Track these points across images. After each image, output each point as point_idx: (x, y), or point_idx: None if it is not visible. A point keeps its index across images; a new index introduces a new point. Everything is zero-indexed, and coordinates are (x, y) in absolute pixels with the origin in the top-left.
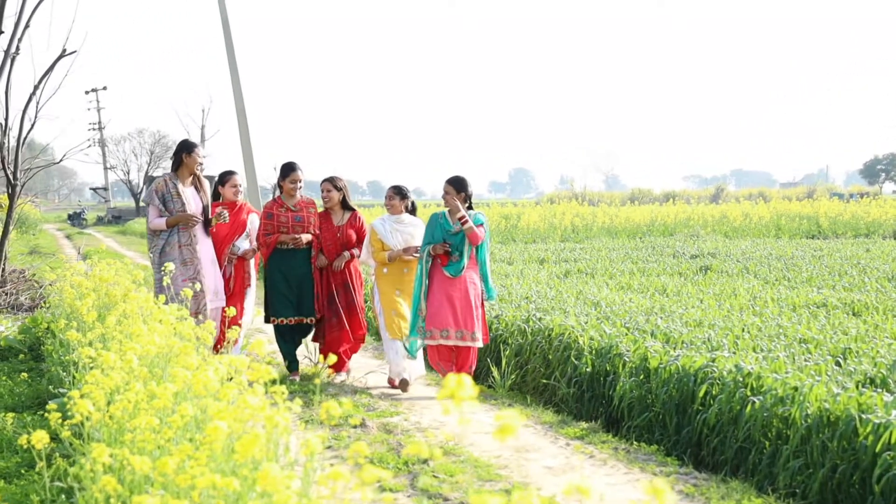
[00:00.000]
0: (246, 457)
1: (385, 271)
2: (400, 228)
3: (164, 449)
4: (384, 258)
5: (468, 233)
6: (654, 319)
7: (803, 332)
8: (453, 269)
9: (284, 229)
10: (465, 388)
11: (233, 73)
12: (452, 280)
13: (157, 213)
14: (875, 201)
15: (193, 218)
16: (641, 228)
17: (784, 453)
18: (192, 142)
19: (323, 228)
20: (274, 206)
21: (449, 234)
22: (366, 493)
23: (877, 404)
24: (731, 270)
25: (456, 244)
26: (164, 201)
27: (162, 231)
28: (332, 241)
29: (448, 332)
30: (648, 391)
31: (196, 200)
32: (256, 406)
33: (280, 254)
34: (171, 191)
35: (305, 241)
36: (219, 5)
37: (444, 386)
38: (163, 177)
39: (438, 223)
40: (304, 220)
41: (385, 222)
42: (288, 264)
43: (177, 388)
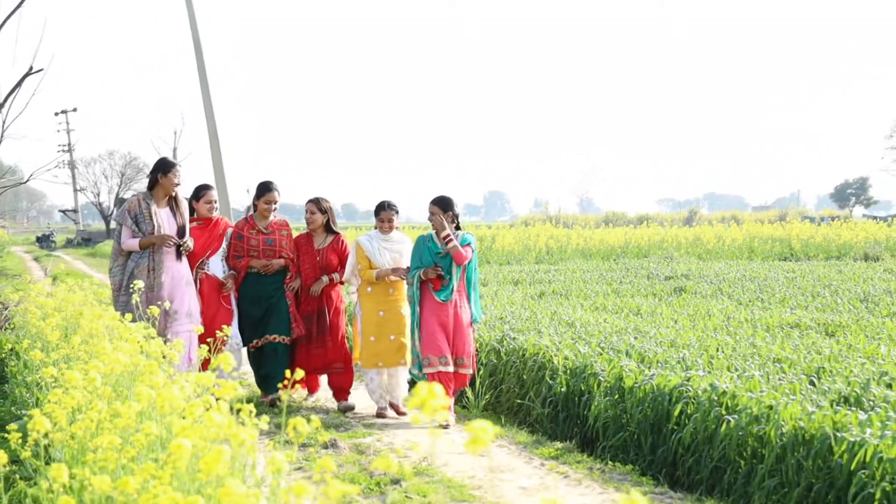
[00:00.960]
0: (210, 474)
1: (369, 290)
2: (388, 247)
3: (127, 468)
4: (371, 277)
5: (452, 252)
6: (629, 339)
7: (777, 351)
8: (443, 294)
9: (255, 253)
10: (437, 396)
11: (205, 95)
12: (443, 305)
13: (129, 233)
14: (846, 224)
15: (169, 239)
16: (616, 250)
17: (759, 472)
18: (170, 161)
19: (302, 251)
20: (245, 227)
21: (438, 256)
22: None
23: (851, 423)
24: (704, 292)
25: (445, 267)
26: (137, 222)
27: (133, 252)
28: (310, 265)
29: (447, 358)
30: (623, 411)
31: (170, 222)
32: (222, 423)
33: (251, 277)
34: (143, 211)
35: (277, 266)
36: (190, 27)
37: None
38: (136, 196)
39: (426, 246)
40: (275, 243)
41: (372, 240)
42: (258, 288)
43: (141, 406)
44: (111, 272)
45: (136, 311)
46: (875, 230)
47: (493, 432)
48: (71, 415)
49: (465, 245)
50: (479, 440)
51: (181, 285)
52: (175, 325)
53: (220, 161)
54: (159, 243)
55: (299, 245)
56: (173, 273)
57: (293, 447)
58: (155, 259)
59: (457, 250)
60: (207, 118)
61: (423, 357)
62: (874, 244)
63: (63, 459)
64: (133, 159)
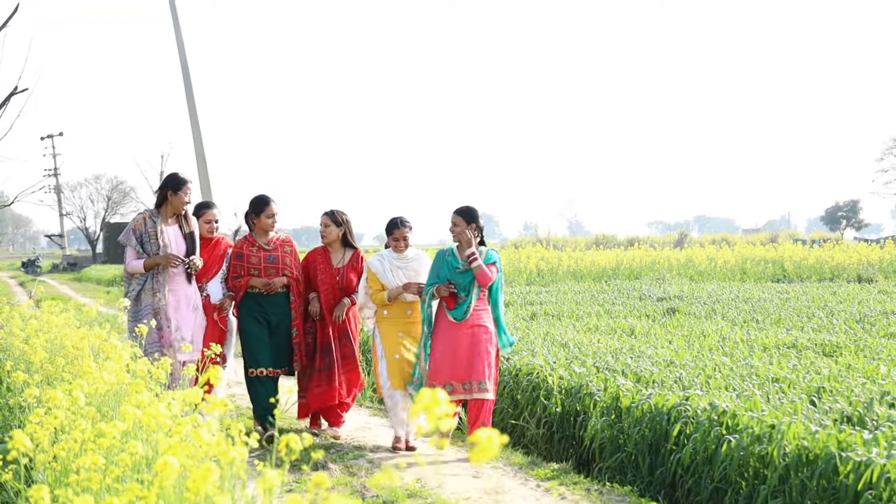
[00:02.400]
0: (198, 493)
1: (386, 314)
2: (402, 265)
3: (111, 489)
4: (383, 299)
5: (476, 272)
6: (624, 359)
7: (775, 371)
8: (458, 312)
9: (256, 271)
10: (440, 403)
11: (192, 118)
12: (458, 325)
13: (134, 254)
14: (839, 246)
15: (174, 259)
16: (607, 272)
17: (762, 493)
18: (181, 177)
19: (320, 270)
20: (244, 246)
21: (456, 272)
22: None
23: (856, 442)
24: (698, 313)
25: (463, 284)
26: (142, 242)
27: (139, 275)
28: (330, 285)
29: (453, 386)
30: (620, 431)
31: (178, 241)
32: (210, 442)
33: (252, 298)
34: (149, 230)
35: (279, 285)
36: (178, 50)
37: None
38: (143, 213)
39: (445, 261)
40: (278, 260)
41: (384, 259)
42: (262, 309)
43: (126, 426)
44: (126, 296)
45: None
46: (868, 252)
47: (500, 441)
48: (54, 435)
49: (490, 264)
50: (485, 450)
51: (188, 309)
52: (181, 353)
53: (207, 184)
54: (164, 264)
55: (314, 262)
56: (180, 296)
57: (284, 466)
58: (161, 279)
59: (481, 270)
60: (195, 140)
61: (428, 384)
62: (867, 266)
63: (45, 481)
64: (119, 183)
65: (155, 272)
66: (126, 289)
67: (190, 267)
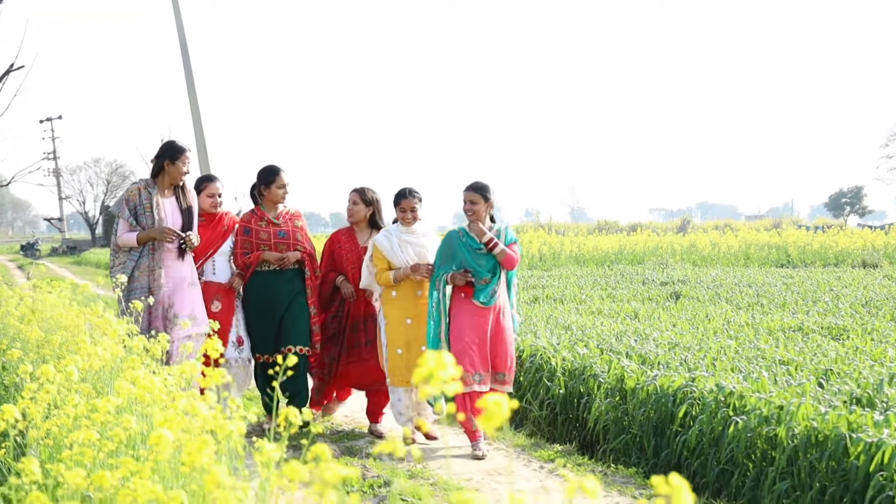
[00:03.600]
0: (193, 466)
1: (394, 295)
2: (411, 241)
3: (105, 465)
4: (388, 279)
5: (501, 257)
6: (628, 341)
7: (782, 353)
8: (485, 295)
9: (266, 247)
10: (446, 367)
11: (192, 102)
12: (483, 309)
13: (126, 226)
14: (843, 231)
15: (170, 233)
16: (610, 257)
17: (770, 475)
18: (179, 145)
19: (345, 249)
20: (252, 220)
21: (477, 252)
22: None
23: (867, 423)
24: (702, 297)
25: (487, 266)
26: (136, 214)
27: (132, 249)
28: (355, 262)
29: (482, 375)
30: (625, 413)
31: (175, 215)
32: (207, 415)
33: (262, 277)
34: (144, 202)
35: (293, 259)
36: (178, 34)
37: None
38: (137, 184)
39: (460, 242)
40: (288, 234)
41: (391, 235)
42: (273, 289)
43: (121, 401)
44: (111, 271)
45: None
46: (873, 238)
47: (511, 406)
48: (47, 411)
49: (511, 244)
50: (494, 416)
51: (183, 286)
52: (176, 331)
53: (207, 168)
54: (159, 238)
55: (338, 242)
56: (173, 274)
57: (283, 440)
58: (155, 256)
59: (505, 254)
60: (195, 124)
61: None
62: (872, 251)
63: (38, 457)
64: (119, 167)
65: (151, 248)
66: (112, 263)
67: (185, 243)
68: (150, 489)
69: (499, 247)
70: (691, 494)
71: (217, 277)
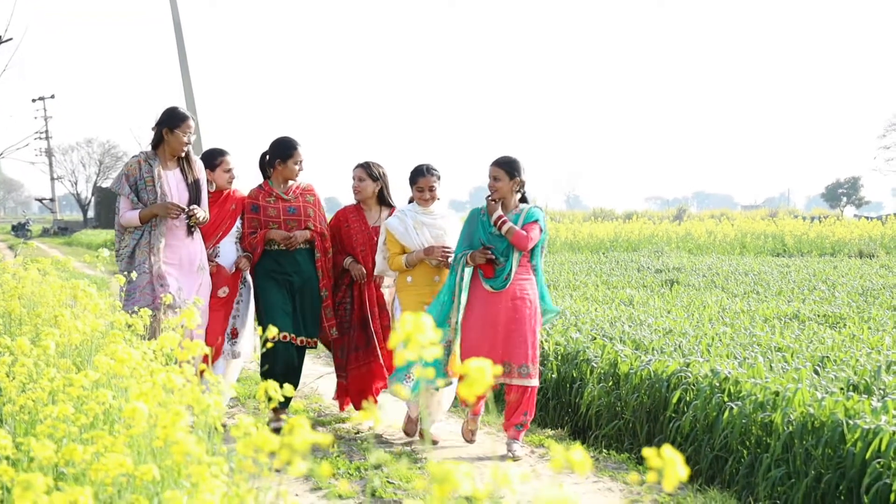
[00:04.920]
0: (167, 439)
1: (409, 280)
2: (428, 222)
3: (79, 439)
4: (401, 264)
5: (509, 237)
6: (622, 327)
7: (778, 340)
8: (497, 281)
9: (274, 224)
10: (425, 330)
11: (185, 83)
12: (496, 295)
13: (128, 204)
14: (840, 221)
15: (174, 208)
16: (605, 244)
17: (765, 462)
18: (180, 112)
19: (354, 230)
20: (260, 196)
21: (493, 235)
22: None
23: (864, 410)
24: (697, 284)
25: (501, 248)
26: (137, 190)
27: (134, 228)
28: (366, 243)
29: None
30: (618, 398)
31: (181, 189)
32: (184, 388)
33: (271, 256)
34: (144, 175)
35: (302, 239)
36: (172, 14)
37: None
38: (137, 157)
39: (479, 221)
40: (299, 211)
41: (405, 216)
42: (282, 269)
43: (98, 375)
44: (117, 256)
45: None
46: (869, 228)
47: (493, 372)
48: (22, 386)
49: (530, 222)
50: (476, 382)
51: (192, 271)
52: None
53: (200, 149)
54: (162, 214)
55: (345, 220)
56: (181, 254)
57: (262, 414)
58: (154, 234)
59: (514, 233)
60: (188, 105)
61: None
62: (869, 241)
63: (12, 432)
64: (112, 147)
65: (152, 225)
66: (117, 246)
67: (191, 219)
68: (120, 462)
69: (507, 225)
70: (685, 468)
71: (222, 261)
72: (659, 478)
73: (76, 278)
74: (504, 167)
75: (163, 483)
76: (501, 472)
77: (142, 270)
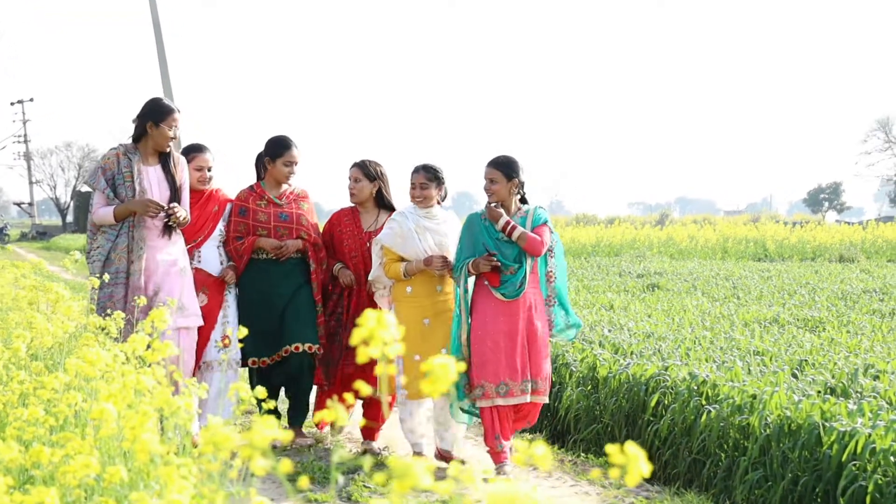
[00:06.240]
0: (135, 440)
1: (409, 291)
2: (430, 227)
3: (48, 441)
4: (398, 272)
5: (522, 243)
6: (602, 331)
7: (757, 344)
8: (509, 288)
9: (263, 231)
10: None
11: (165, 86)
12: (510, 305)
13: (103, 200)
14: (821, 226)
15: (153, 206)
16: (587, 249)
17: (742, 465)
18: (166, 104)
19: (346, 234)
20: (250, 198)
21: (499, 240)
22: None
23: (840, 412)
24: (678, 289)
25: (512, 254)
26: (114, 185)
27: (108, 228)
28: (357, 248)
29: (508, 385)
30: (596, 402)
31: (162, 187)
32: (153, 388)
33: (258, 266)
34: (123, 170)
35: (293, 249)
36: (151, 14)
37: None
38: (115, 150)
39: (481, 226)
40: (291, 217)
41: (405, 219)
42: (271, 280)
43: (69, 378)
44: (88, 258)
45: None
46: (850, 232)
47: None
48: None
49: (539, 226)
50: (439, 379)
51: (171, 273)
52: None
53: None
54: (140, 211)
55: (338, 224)
56: (160, 256)
57: (232, 416)
58: (135, 235)
59: (526, 238)
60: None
61: (476, 384)
62: (850, 246)
63: None
64: (91, 151)
65: (130, 225)
66: (89, 247)
67: (171, 218)
68: (87, 464)
69: (517, 230)
70: (648, 463)
71: (203, 266)
72: (622, 474)
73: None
74: (500, 168)
75: (131, 485)
76: (464, 469)
77: (117, 280)
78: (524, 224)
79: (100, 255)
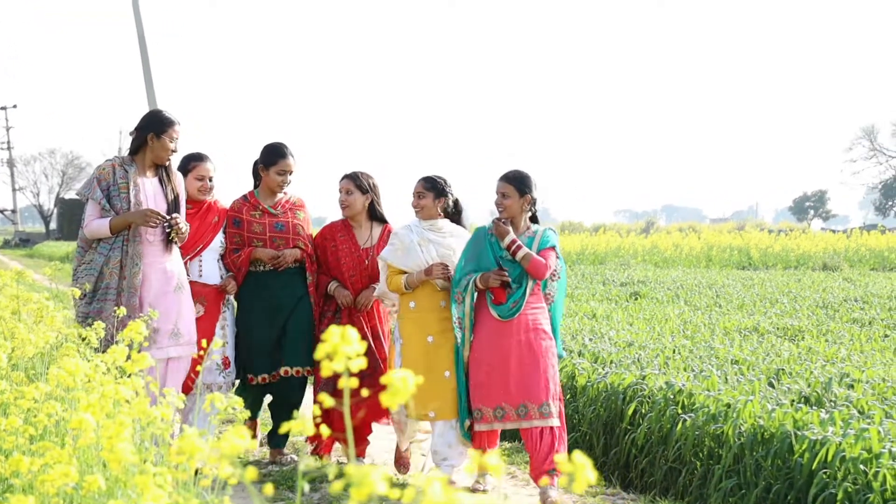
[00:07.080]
0: (112, 450)
1: (412, 306)
2: (435, 239)
3: (28, 450)
4: (399, 284)
5: (525, 264)
6: (582, 340)
7: (735, 353)
8: (503, 309)
9: (259, 242)
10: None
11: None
12: (504, 327)
13: (98, 211)
14: (805, 235)
15: (154, 216)
16: (571, 257)
17: (716, 473)
18: (167, 116)
19: (342, 251)
20: (244, 209)
21: (504, 259)
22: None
23: (812, 421)
24: (661, 297)
25: (514, 273)
26: (109, 196)
27: (102, 240)
28: (355, 267)
29: (504, 410)
30: (575, 410)
31: (159, 200)
32: (131, 398)
33: (257, 278)
34: (119, 181)
35: (291, 258)
36: (135, 21)
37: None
38: (111, 161)
39: (488, 241)
40: (287, 227)
41: (410, 231)
42: (271, 292)
43: (49, 388)
44: (74, 273)
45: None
46: (834, 241)
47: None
48: None
49: (546, 248)
50: (398, 392)
51: (168, 291)
52: (153, 348)
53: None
54: (139, 222)
55: (331, 239)
56: (158, 272)
57: (208, 426)
58: (129, 250)
59: (530, 260)
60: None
61: (474, 407)
62: (833, 255)
63: None
64: (75, 158)
65: (125, 239)
66: (77, 262)
67: (172, 230)
68: (65, 472)
69: (521, 251)
70: (595, 472)
71: (204, 279)
72: (569, 482)
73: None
74: (513, 182)
75: (109, 493)
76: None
77: (107, 297)
78: (530, 245)
79: (89, 271)
